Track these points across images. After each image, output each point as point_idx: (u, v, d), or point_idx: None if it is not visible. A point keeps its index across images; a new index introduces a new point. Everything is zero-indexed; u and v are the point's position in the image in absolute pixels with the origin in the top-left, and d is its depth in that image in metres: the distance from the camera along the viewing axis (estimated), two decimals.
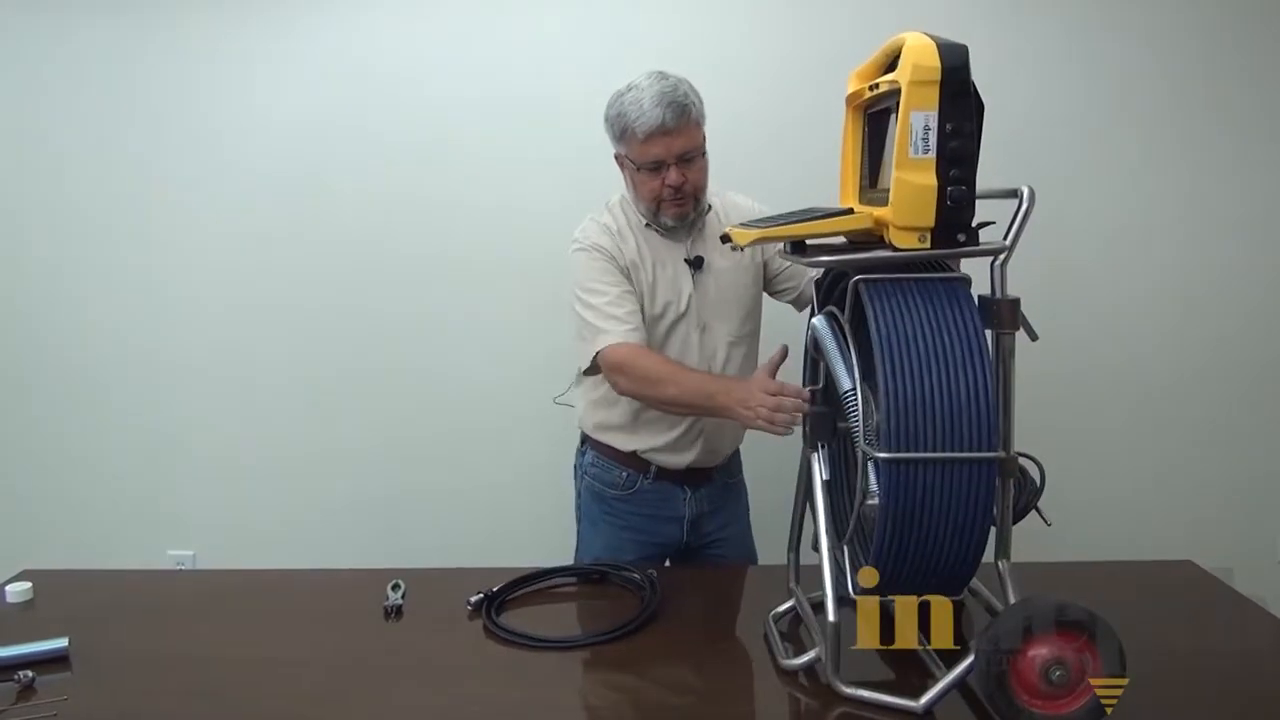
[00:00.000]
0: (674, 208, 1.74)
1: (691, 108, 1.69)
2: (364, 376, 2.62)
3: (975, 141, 1.19)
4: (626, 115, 1.68)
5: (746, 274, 1.85)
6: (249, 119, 2.54)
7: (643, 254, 1.79)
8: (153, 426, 2.67)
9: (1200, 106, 2.43)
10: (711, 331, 1.82)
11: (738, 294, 1.84)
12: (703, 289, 1.81)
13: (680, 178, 1.70)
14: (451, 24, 2.47)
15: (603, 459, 1.90)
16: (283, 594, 1.68)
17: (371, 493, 2.65)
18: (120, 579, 1.79)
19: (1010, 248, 1.24)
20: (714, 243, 1.80)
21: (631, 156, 1.73)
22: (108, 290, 2.63)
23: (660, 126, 1.66)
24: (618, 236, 1.79)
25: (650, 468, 1.86)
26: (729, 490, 1.96)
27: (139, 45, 2.52)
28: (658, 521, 1.88)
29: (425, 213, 2.53)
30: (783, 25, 2.42)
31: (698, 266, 1.80)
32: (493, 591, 1.56)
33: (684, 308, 1.79)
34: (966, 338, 1.20)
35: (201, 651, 1.44)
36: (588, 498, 1.94)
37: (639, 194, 1.77)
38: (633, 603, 1.54)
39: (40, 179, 2.60)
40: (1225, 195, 2.46)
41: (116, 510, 2.70)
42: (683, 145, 1.69)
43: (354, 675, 1.35)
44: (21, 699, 1.29)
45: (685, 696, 1.33)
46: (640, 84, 1.69)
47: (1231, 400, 2.54)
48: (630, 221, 1.81)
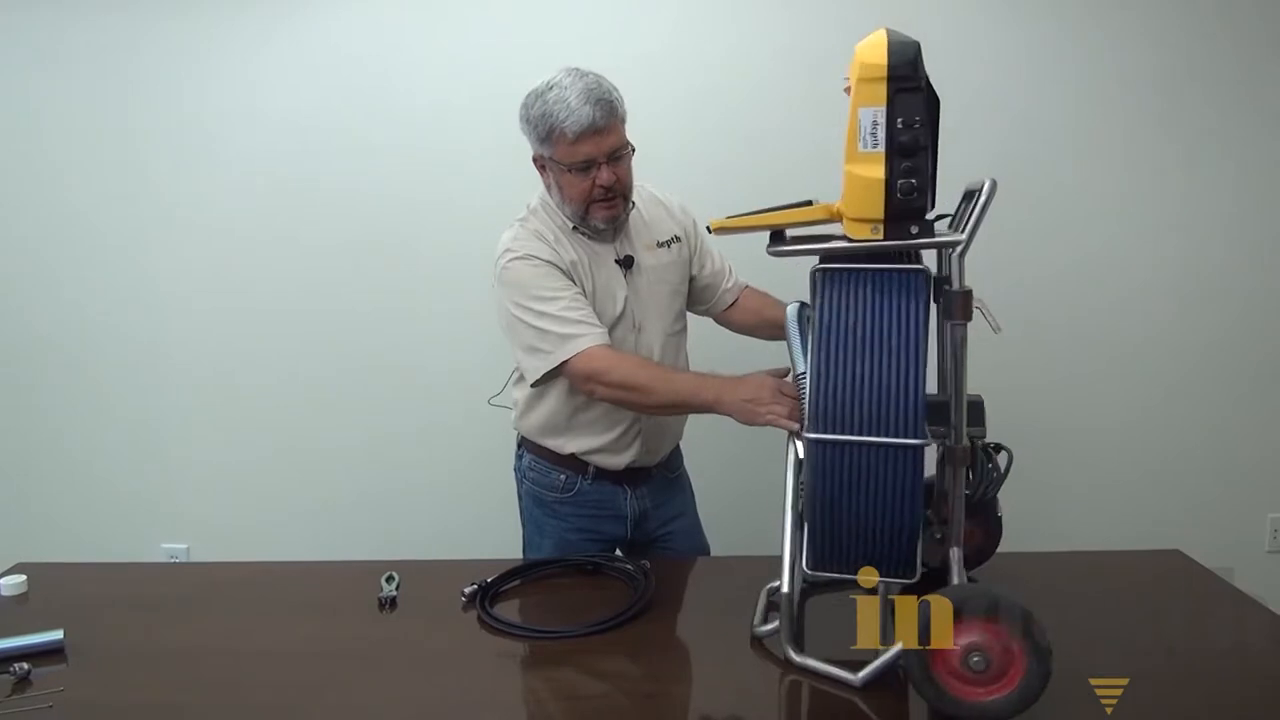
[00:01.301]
0: (604, 209, 1.67)
1: (617, 104, 1.63)
2: (356, 370, 2.63)
3: (928, 135, 1.21)
4: (553, 115, 1.59)
5: (674, 270, 1.81)
6: (245, 118, 2.55)
7: (579, 256, 1.72)
8: (146, 421, 2.67)
9: (1198, 104, 2.46)
10: (646, 331, 1.77)
11: (668, 290, 1.80)
12: (635, 288, 1.76)
13: (611, 176, 1.64)
14: (444, 21, 2.47)
15: (540, 462, 1.85)
16: (276, 586, 1.68)
17: (365, 485, 2.66)
18: (114, 572, 1.80)
19: (968, 239, 1.24)
20: (639, 240, 1.77)
21: (559, 158, 1.64)
22: (101, 285, 2.63)
23: (591, 125, 1.58)
24: (553, 241, 1.70)
25: (589, 469, 1.81)
26: (671, 485, 1.92)
27: (131, 44, 2.53)
28: (600, 520, 1.84)
29: (412, 210, 2.54)
30: (776, 24, 2.42)
31: (628, 266, 1.75)
32: (486, 583, 1.56)
33: (620, 309, 1.74)
34: (906, 327, 1.23)
35: (196, 643, 1.44)
36: (529, 502, 1.89)
37: (566, 196, 1.68)
38: (626, 593, 1.55)
39: (33, 175, 2.60)
40: (1220, 193, 2.49)
41: (110, 504, 2.70)
42: (612, 143, 1.62)
43: (348, 666, 1.36)
44: (17, 691, 1.30)
45: (679, 685, 1.34)
46: (561, 82, 1.60)
47: (1222, 393, 2.56)
48: (557, 226, 1.73)
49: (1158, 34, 2.42)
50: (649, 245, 1.78)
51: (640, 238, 1.78)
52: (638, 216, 1.79)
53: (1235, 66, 2.43)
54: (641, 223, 1.79)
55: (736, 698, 1.31)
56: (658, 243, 1.79)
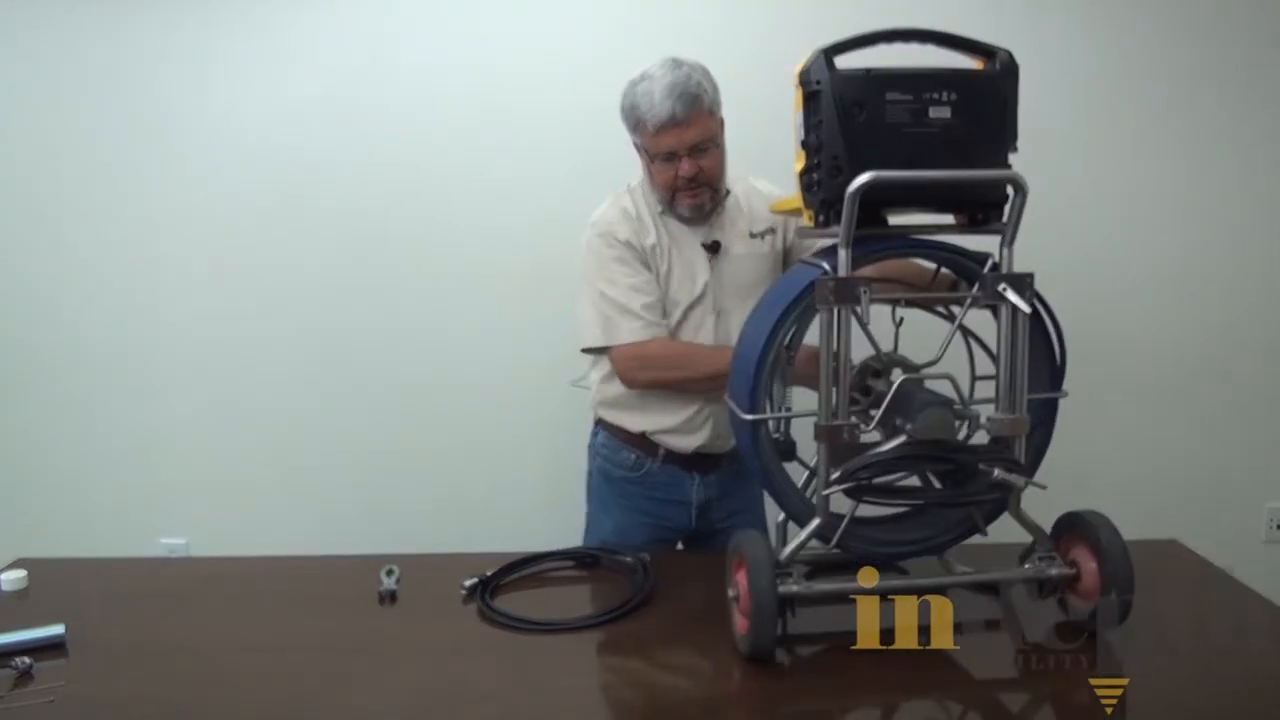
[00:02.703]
0: (689, 198, 1.74)
1: (703, 97, 1.67)
2: (354, 364, 2.62)
3: (828, 135, 1.27)
4: (639, 107, 1.68)
5: (765, 261, 1.84)
6: (238, 116, 2.52)
7: (660, 239, 1.79)
8: (145, 416, 2.67)
9: (1204, 97, 2.45)
10: (727, 317, 1.80)
11: (756, 280, 1.81)
12: (719, 275, 1.80)
13: (693, 168, 1.70)
14: (447, 22, 2.46)
15: (613, 440, 1.91)
16: (276, 580, 1.68)
17: (363, 478, 2.66)
18: (114, 566, 1.80)
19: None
20: (733, 229, 1.81)
21: (645, 146, 1.73)
22: (98, 281, 2.62)
23: (670, 119, 1.65)
24: (636, 221, 1.79)
25: (659, 450, 1.86)
26: (739, 476, 1.92)
27: (129, 40, 2.50)
28: (666, 505, 1.89)
29: (410, 206, 2.53)
30: (804, 12, 2.37)
31: (715, 252, 1.79)
32: (487, 576, 1.57)
33: (699, 293, 1.79)
34: (777, 301, 1.36)
35: (198, 637, 1.44)
36: (599, 479, 1.95)
37: (654, 182, 1.77)
38: (626, 586, 1.55)
39: (23, 172, 2.58)
40: (1224, 187, 2.49)
41: (109, 500, 2.70)
42: (695, 136, 1.68)
43: (349, 660, 1.36)
44: (19, 685, 1.30)
45: (679, 677, 1.34)
46: (653, 73, 1.68)
47: (1219, 383, 2.57)
48: (649, 206, 1.81)
49: (1165, 32, 2.42)
50: (742, 235, 1.81)
51: (735, 226, 1.82)
52: (735, 207, 1.83)
53: (1240, 65, 2.44)
54: (739, 211, 1.83)
55: (736, 690, 1.31)
56: (751, 233, 1.82)
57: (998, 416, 1.31)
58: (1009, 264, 1.29)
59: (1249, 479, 2.61)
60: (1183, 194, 2.50)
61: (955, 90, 1.27)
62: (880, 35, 1.29)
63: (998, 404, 1.32)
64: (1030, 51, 2.33)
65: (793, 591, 1.29)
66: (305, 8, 2.48)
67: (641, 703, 1.28)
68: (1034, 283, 1.29)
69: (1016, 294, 1.26)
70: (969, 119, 1.27)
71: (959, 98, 1.27)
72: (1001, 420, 1.31)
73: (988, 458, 1.31)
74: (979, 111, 1.28)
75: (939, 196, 1.35)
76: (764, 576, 1.24)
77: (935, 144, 1.27)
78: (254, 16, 2.48)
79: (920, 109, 1.27)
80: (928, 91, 1.27)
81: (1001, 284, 1.27)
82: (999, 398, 1.31)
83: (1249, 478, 2.61)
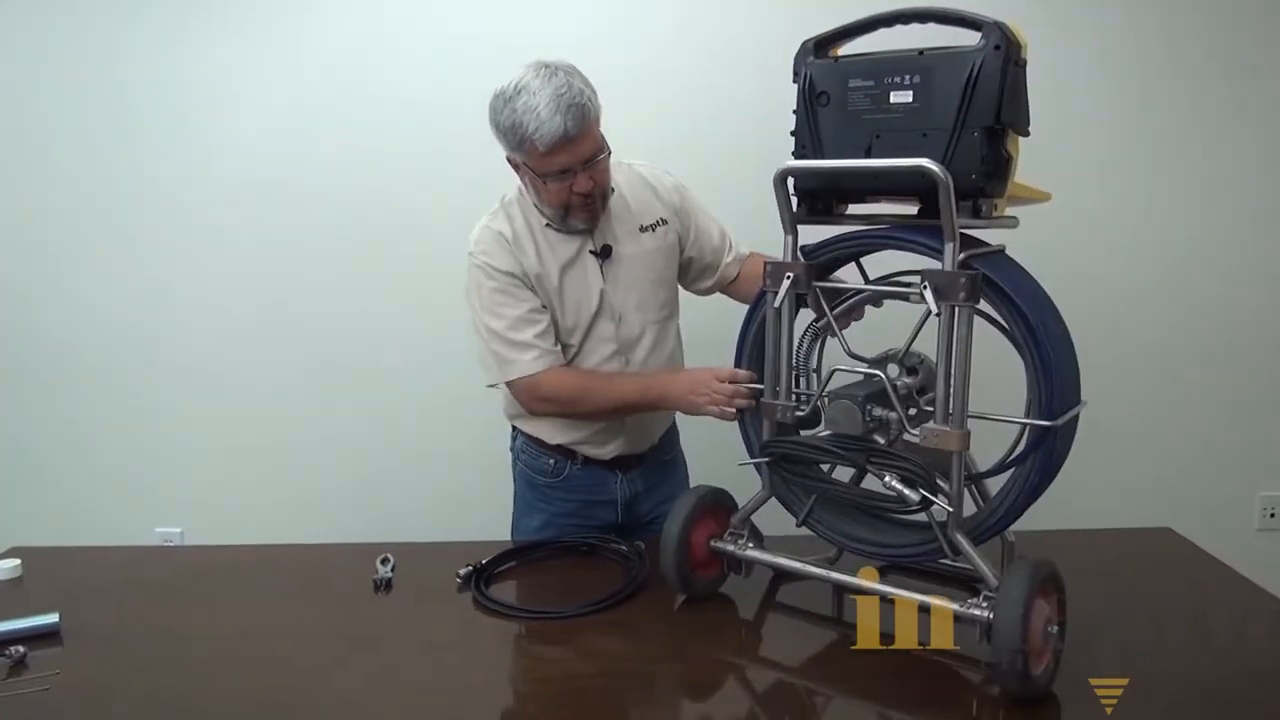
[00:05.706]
0: (584, 212, 1.61)
1: (589, 106, 1.51)
2: (349, 353, 2.62)
3: (798, 123, 1.35)
4: (523, 125, 1.49)
5: (660, 256, 1.74)
6: (238, 115, 2.51)
7: (544, 259, 1.66)
8: (140, 405, 2.66)
9: (1216, 99, 2.45)
10: (627, 320, 1.72)
11: (654, 278, 1.73)
12: (613, 279, 1.69)
13: (589, 183, 1.56)
14: (433, 24, 2.45)
15: (531, 445, 1.83)
16: (271, 569, 1.68)
17: (359, 467, 2.66)
18: (109, 555, 1.80)
19: None
20: (621, 227, 1.69)
21: (533, 166, 1.56)
22: (96, 271, 2.61)
23: (563, 136, 1.49)
24: (514, 245, 1.65)
25: (577, 455, 1.79)
26: (664, 468, 1.88)
27: (127, 41, 2.49)
28: (590, 505, 1.82)
29: (406, 200, 2.52)
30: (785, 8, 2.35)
31: (605, 256, 1.68)
32: (481, 564, 1.57)
33: (596, 304, 1.68)
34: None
35: (191, 626, 1.45)
36: (521, 483, 1.88)
37: (544, 200, 1.62)
38: (620, 574, 1.56)
39: (33, 165, 2.57)
40: (1230, 191, 2.50)
41: (104, 488, 2.69)
42: (588, 149, 1.54)
43: (344, 648, 1.37)
44: (13, 674, 1.30)
45: (672, 664, 1.34)
46: (529, 85, 1.49)
47: (1212, 371, 2.58)
48: (530, 222, 1.67)
49: (1180, 29, 2.42)
50: (631, 231, 1.70)
51: (622, 224, 1.70)
52: (620, 202, 1.70)
53: (1253, 66, 2.43)
54: (625, 208, 1.71)
55: (729, 677, 1.32)
56: (641, 227, 1.72)
57: (931, 427, 1.23)
58: (951, 260, 1.18)
59: (1242, 467, 2.61)
60: (1182, 191, 2.49)
61: (917, 73, 1.22)
62: (867, 22, 1.29)
63: (935, 414, 1.24)
64: (1042, 51, 2.31)
65: (727, 550, 1.47)
66: (304, 9, 2.47)
67: (636, 690, 1.28)
68: (986, 278, 1.20)
69: (934, 294, 1.18)
70: (932, 101, 1.21)
71: (921, 80, 1.22)
72: (932, 431, 1.23)
73: (883, 462, 1.26)
74: (943, 92, 1.20)
75: (891, 187, 1.29)
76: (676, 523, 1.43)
77: (895, 129, 1.25)
78: (233, 20, 2.47)
79: (881, 94, 1.25)
80: (889, 75, 1.24)
81: (922, 280, 1.19)
82: (936, 408, 1.24)
83: (1242, 466, 2.61)
